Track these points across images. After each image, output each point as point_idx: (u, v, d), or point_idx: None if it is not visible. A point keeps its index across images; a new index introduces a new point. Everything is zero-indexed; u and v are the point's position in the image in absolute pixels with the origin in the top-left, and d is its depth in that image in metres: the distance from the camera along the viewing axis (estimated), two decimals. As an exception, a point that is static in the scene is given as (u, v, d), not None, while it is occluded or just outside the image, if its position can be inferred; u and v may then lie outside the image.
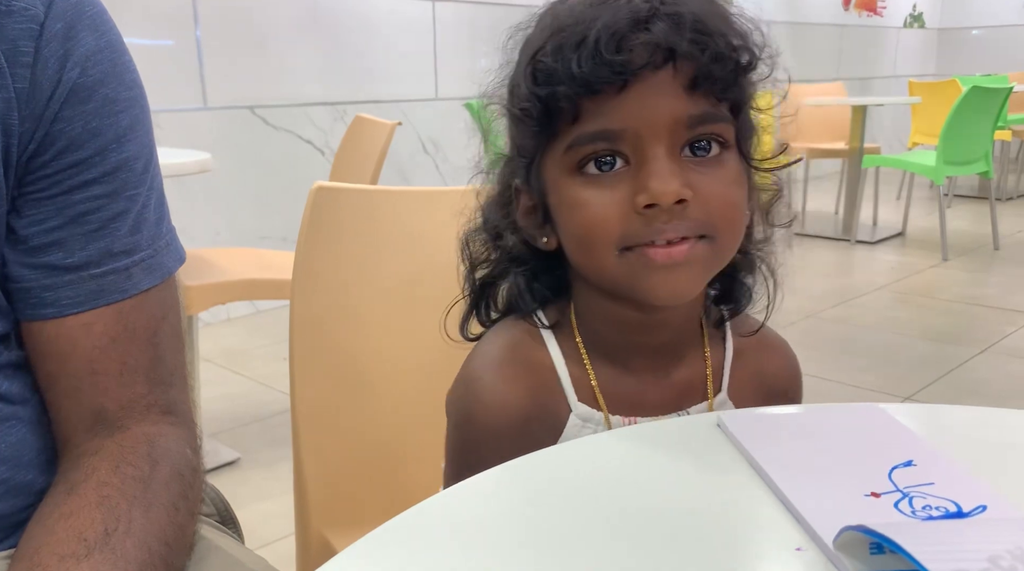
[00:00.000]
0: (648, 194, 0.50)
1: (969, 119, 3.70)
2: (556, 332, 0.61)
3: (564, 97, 0.51)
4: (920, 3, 7.21)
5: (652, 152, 0.51)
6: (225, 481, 1.81)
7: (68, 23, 0.52)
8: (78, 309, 0.55)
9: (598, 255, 0.53)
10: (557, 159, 0.54)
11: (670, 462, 0.51)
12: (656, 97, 0.50)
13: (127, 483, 0.52)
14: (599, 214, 0.52)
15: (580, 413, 0.58)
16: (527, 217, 0.59)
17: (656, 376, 0.60)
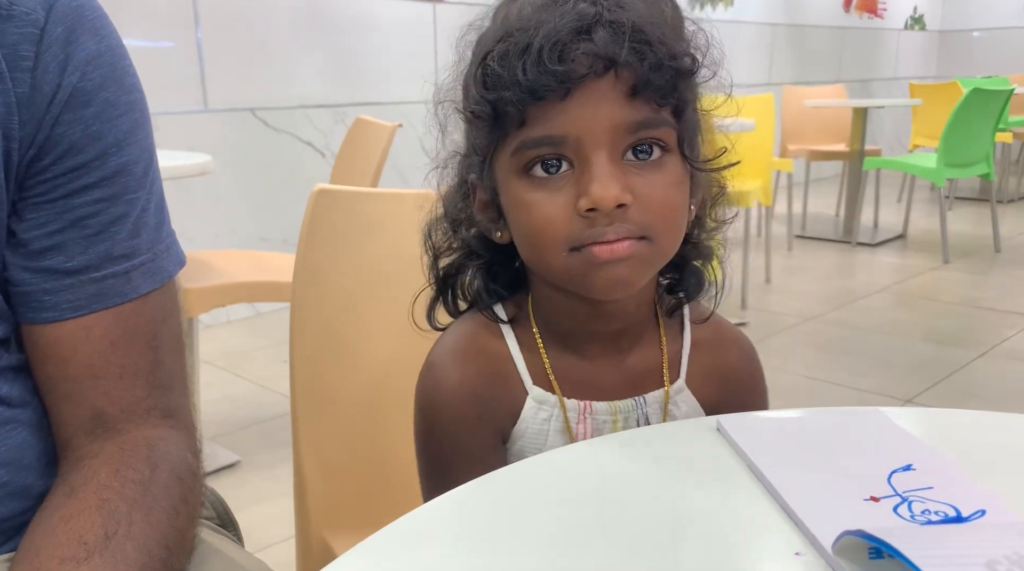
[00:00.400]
0: (589, 199, 0.52)
1: (970, 121, 3.70)
2: (514, 324, 0.63)
3: (511, 103, 0.53)
4: (921, 5, 7.21)
5: (594, 157, 0.53)
6: (225, 484, 1.81)
7: (69, 27, 0.52)
8: (78, 313, 0.55)
9: (547, 254, 0.56)
10: (506, 160, 0.56)
11: (669, 466, 0.51)
12: (597, 104, 0.52)
13: (127, 486, 0.52)
14: (545, 216, 0.54)
15: (536, 396, 0.61)
16: (483, 211, 0.61)
17: (611, 363, 0.62)
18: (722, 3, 5.21)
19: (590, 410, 0.61)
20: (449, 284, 0.66)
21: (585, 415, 0.61)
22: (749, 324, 2.89)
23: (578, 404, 0.61)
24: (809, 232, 4.42)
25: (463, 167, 0.63)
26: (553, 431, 0.61)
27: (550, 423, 0.61)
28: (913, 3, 7.12)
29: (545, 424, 0.61)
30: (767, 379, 0.70)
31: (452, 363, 0.61)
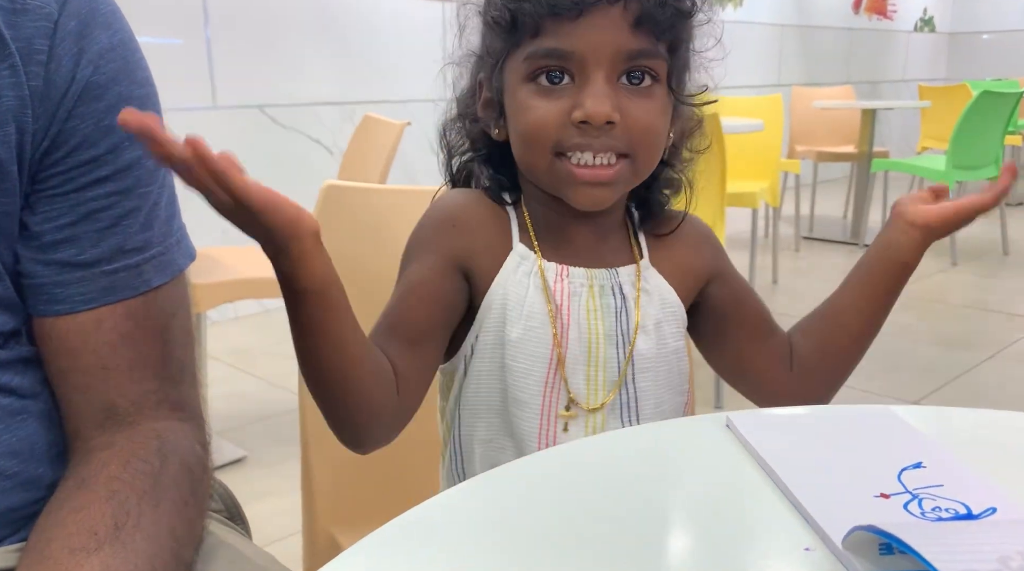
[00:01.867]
0: (583, 111, 0.59)
1: (979, 124, 3.69)
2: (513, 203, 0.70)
3: (529, 14, 0.59)
4: (931, 7, 7.19)
5: (593, 76, 0.59)
6: (231, 479, 1.80)
7: (82, 21, 0.52)
8: (89, 305, 0.55)
9: (535, 155, 0.62)
10: (516, 65, 0.62)
11: (679, 461, 0.51)
12: (604, 29, 0.58)
13: (137, 478, 0.53)
14: (541, 119, 0.61)
15: (519, 251, 0.67)
16: (485, 109, 0.68)
17: (588, 235, 0.69)
18: (731, 4, 5.20)
19: (567, 273, 0.67)
20: (462, 180, 0.72)
21: (562, 277, 0.67)
22: (756, 325, 2.88)
23: (556, 266, 0.67)
24: (816, 234, 4.41)
25: (476, 68, 0.69)
26: (532, 286, 0.66)
27: (530, 278, 0.66)
28: (923, 5, 7.09)
29: (525, 278, 0.66)
30: None
31: (460, 193, 0.70)
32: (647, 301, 0.69)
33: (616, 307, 0.67)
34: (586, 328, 0.66)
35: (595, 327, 0.67)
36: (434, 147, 0.75)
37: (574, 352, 0.66)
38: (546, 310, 0.65)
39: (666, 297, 0.70)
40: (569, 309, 0.66)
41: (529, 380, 0.66)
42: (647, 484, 0.48)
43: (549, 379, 0.66)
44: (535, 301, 0.66)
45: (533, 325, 0.65)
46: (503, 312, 0.66)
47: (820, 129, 4.50)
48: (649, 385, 0.68)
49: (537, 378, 0.66)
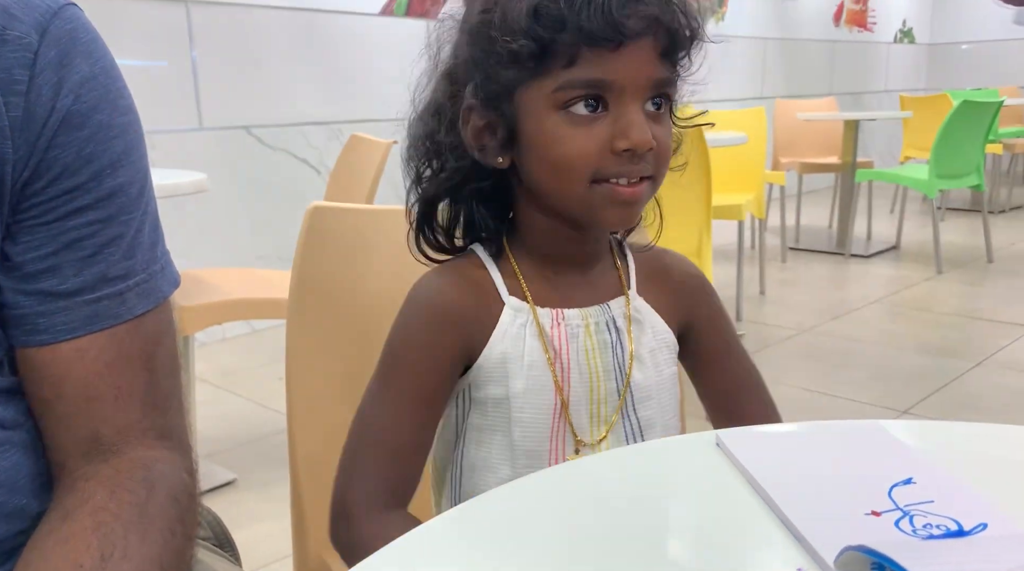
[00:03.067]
0: (629, 141, 0.60)
1: (960, 133, 3.73)
2: (493, 254, 0.70)
3: (567, 44, 0.59)
4: (910, 18, 7.28)
5: (632, 105, 0.60)
6: (221, 502, 1.80)
7: (62, 51, 0.52)
8: (72, 335, 0.54)
9: (570, 183, 0.62)
10: (543, 95, 0.61)
11: (670, 481, 0.50)
12: (640, 59, 0.60)
13: (123, 508, 0.52)
14: (580, 149, 0.61)
15: (512, 305, 0.67)
16: (478, 137, 0.65)
17: (578, 280, 0.70)
18: (714, 18, 5.25)
19: (562, 316, 0.68)
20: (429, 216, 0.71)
21: (558, 320, 0.68)
22: (745, 336, 2.89)
23: (551, 312, 0.68)
24: (803, 244, 4.44)
25: (445, 90, 0.67)
26: (529, 336, 0.66)
27: (526, 328, 0.67)
28: (902, 16, 7.18)
29: (522, 329, 0.67)
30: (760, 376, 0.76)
31: (437, 277, 0.69)
32: (639, 331, 0.69)
33: (612, 342, 0.68)
34: (586, 368, 0.67)
35: (594, 365, 0.68)
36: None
37: (577, 393, 0.67)
38: (545, 359, 0.66)
39: (656, 325, 0.71)
40: (568, 352, 0.67)
41: (537, 429, 0.66)
42: (638, 504, 0.47)
43: (555, 425, 0.67)
44: (534, 351, 0.66)
45: (535, 375, 0.66)
46: (504, 367, 0.66)
47: (804, 140, 4.53)
48: (652, 414, 0.70)
49: (544, 427, 0.67)
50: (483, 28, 0.62)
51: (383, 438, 0.66)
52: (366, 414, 0.68)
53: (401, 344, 0.67)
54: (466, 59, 0.64)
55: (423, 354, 0.66)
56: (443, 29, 0.68)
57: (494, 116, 0.64)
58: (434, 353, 0.66)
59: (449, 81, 0.67)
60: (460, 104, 0.66)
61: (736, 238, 3.10)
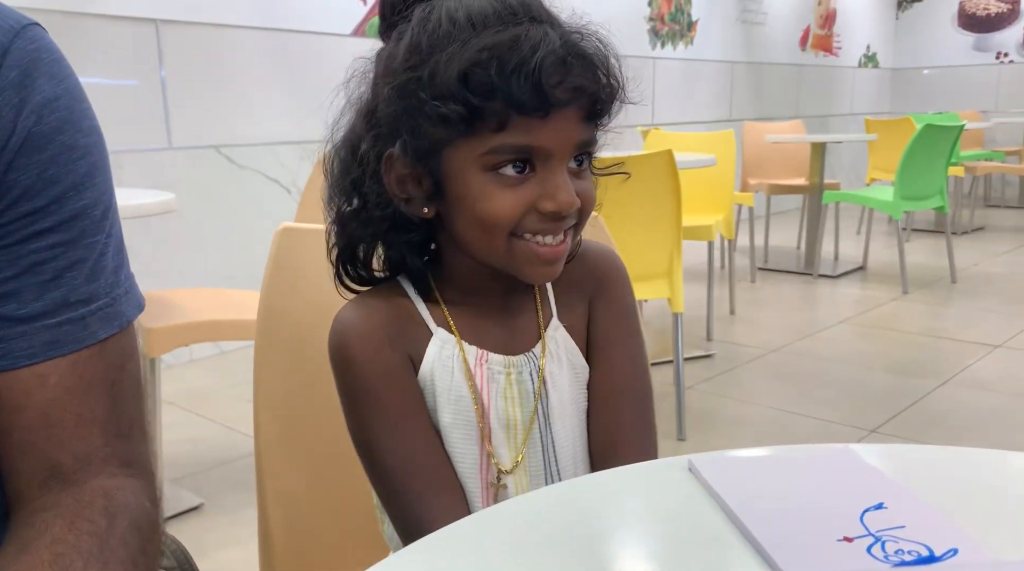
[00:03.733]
0: (555, 203, 0.62)
1: (924, 156, 3.81)
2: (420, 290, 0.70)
3: (496, 111, 0.59)
4: (873, 44, 7.45)
5: (558, 168, 0.62)
6: (188, 528, 1.76)
7: (24, 71, 0.51)
8: (32, 360, 0.53)
9: (491, 238, 0.63)
10: (471, 156, 0.62)
11: (642, 507, 0.50)
12: (567, 125, 0.62)
13: (82, 539, 0.50)
14: (507, 209, 0.62)
15: (440, 336, 0.68)
16: (400, 186, 0.66)
17: (505, 320, 0.71)
18: (682, 42, 5.33)
19: (486, 358, 0.68)
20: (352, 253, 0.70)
21: (482, 362, 0.68)
22: (715, 355, 2.91)
23: (476, 351, 0.68)
24: (771, 264, 4.49)
25: (360, 138, 0.67)
26: (456, 369, 0.67)
27: (453, 361, 0.67)
28: (866, 42, 7.35)
29: (449, 362, 0.67)
30: (734, 410, 0.75)
31: (354, 311, 0.68)
32: (559, 370, 0.70)
33: (533, 389, 0.69)
34: (504, 415, 0.68)
35: (512, 413, 0.69)
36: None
37: (497, 436, 0.68)
38: (470, 394, 0.67)
39: (575, 360, 0.71)
40: (488, 393, 0.68)
41: (466, 460, 0.68)
42: (610, 530, 0.47)
43: (481, 455, 0.68)
44: (460, 386, 0.67)
45: (461, 408, 0.67)
46: (433, 398, 0.67)
47: (772, 162, 4.60)
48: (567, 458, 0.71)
49: (472, 457, 0.68)
50: (411, 86, 0.61)
51: (411, 471, 0.66)
52: (380, 463, 0.67)
53: (357, 379, 0.66)
54: (391, 113, 0.63)
55: (383, 377, 0.66)
56: (362, 66, 0.68)
57: (419, 168, 0.64)
58: (392, 371, 0.66)
59: (368, 124, 0.66)
60: (381, 152, 0.65)
61: (706, 258, 3.13)
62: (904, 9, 7.64)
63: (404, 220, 0.67)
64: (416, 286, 0.70)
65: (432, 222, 0.67)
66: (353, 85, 0.69)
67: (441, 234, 0.69)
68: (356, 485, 0.90)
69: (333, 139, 0.70)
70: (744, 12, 5.87)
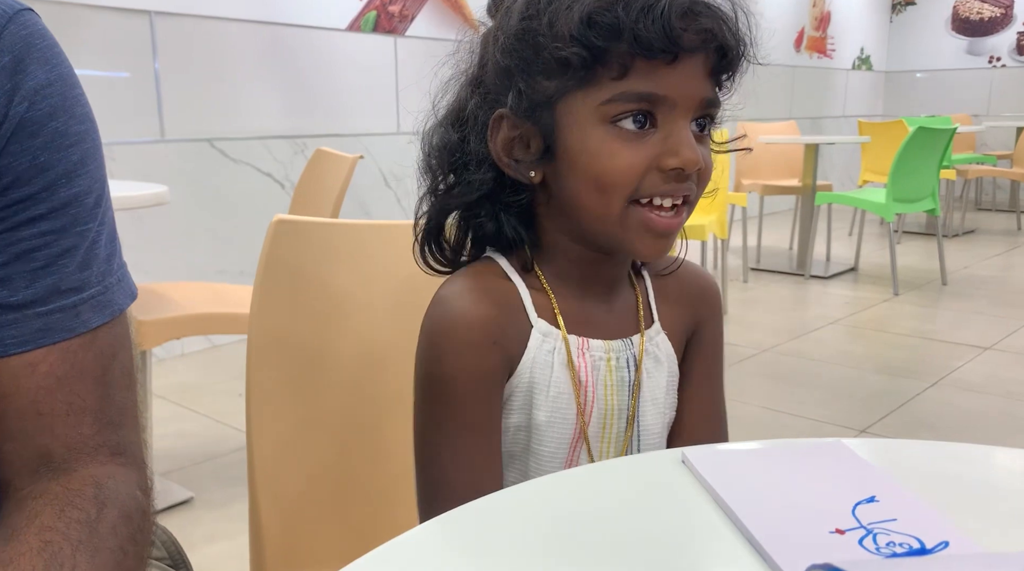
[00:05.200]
0: (680, 160, 0.57)
1: (916, 158, 3.83)
2: (515, 266, 0.66)
3: (620, 54, 0.56)
4: (867, 46, 7.47)
5: (682, 123, 0.58)
6: (177, 521, 1.75)
7: (16, 57, 0.51)
8: (22, 348, 0.52)
9: (610, 201, 0.59)
10: (590, 107, 0.58)
11: (635, 499, 0.50)
12: (692, 76, 0.57)
13: (72, 527, 0.50)
14: (627, 166, 0.57)
15: (541, 329, 0.64)
16: (507, 149, 0.62)
17: (602, 304, 0.67)
18: None
19: (587, 346, 0.65)
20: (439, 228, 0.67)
21: (583, 350, 0.64)
22: (707, 356, 2.91)
23: (577, 340, 0.64)
24: (764, 265, 4.50)
25: (470, 97, 0.64)
26: (557, 364, 0.63)
27: (554, 355, 0.63)
28: (860, 44, 7.37)
29: (550, 356, 0.63)
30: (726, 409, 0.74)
31: (462, 294, 0.63)
32: (656, 369, 0.67)
33: (629, 381, 0.66)
34: (603, 404, 0.65)
35: (611, 402, 0.66)
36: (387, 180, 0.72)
37: (593, 428, 0.65)
38: (572, 390, 0.63)
39: (672, 367, 0.69)
40: (592, 385, 0.64)
41: (552, 461, 0.64)
42: (603, 522, 0.47)
43: (570, 458, 0.65)
44: (561, 380, 0.63)
45: (560, 406, 0.63)
46: (529, 396, 0.63)
47: (766, 163, 4.62)
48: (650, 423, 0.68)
49: (560, 459, 0.64)
50: (527, 35, 0.58)
51: (467, 482, 0.61)
52: (437, 464, 0.62)
53: (449, 375, 0.61)
54: (503, 66, 0.60)
55: (476, 381, 0.61)
56: (472, 36, 0.65)
57: (529, 127, 0.60)
58: (487, 376, 0.62)
59: (476, 89, 0.64)
60: (488, 112, 0.62)
61: (699, 258, 3.14)
62: (898, 12, 7.67)
63: (505, 186, 0.63)
64: (517, 265, 0.65)
65: (532, 193, 0.64)
66: (458, 58, 0.65)
67: (541, 206, 0.65)
68: (348, 479, 0.90)
69: (436, 114, 0.67)
70: (739, 13, 5.88)
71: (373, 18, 3.45)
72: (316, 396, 0.88)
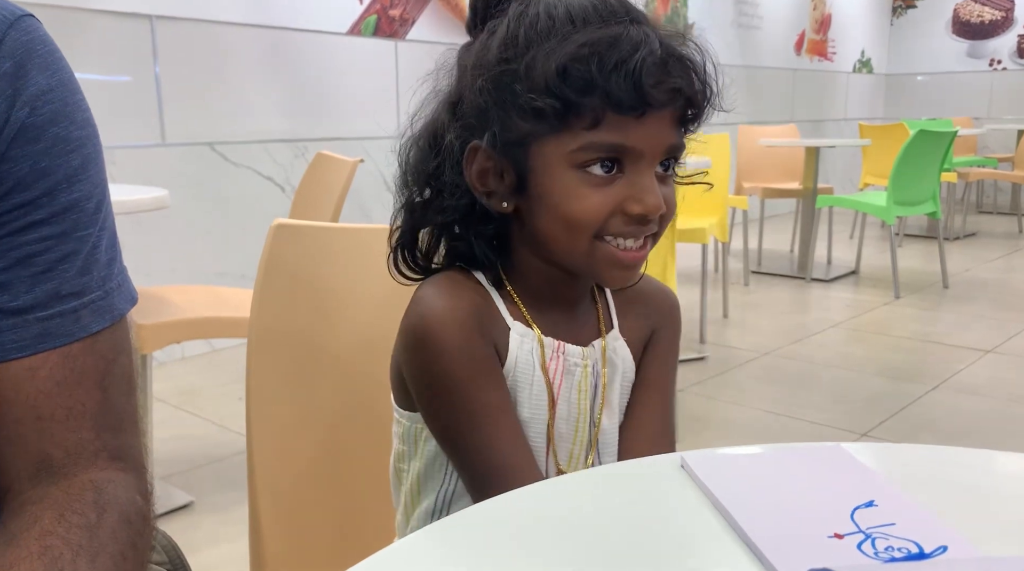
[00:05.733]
0: (643, 207, 0.61)
1: (917, 161, 3.83)
2: (489, 281, 0.68)
3: (592, 108, 0.59)
4: (868, 49, 7.48)
5: (647, 171, 0.61)
6: (178, 525, 1.75)
7: (17, 62, 0.51)
8: (22, 353, 0.53)
9: (575, 238, 0.62)
10: (561, 152, 0.61)
11: (633, 503, 0.50)
12: (660, 127, 0.61)
13: (72, 532, 0.50)
14: (593, 208, 0.61)
15: (518, 330, 0.66)
16: (481, 179, 0.65)
17: (568, 315, 0.70)
18: (678, 45, 5.33)
19: (563, 349, 0.67)
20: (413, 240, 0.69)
21: (559, 353, 0.67)
22: (708, 358, 2.91)
23: (553, 341, 0.67)
24: (765, 268, 4.50)
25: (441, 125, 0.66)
26: (537, 364, 0.66)
27: (533, 356, 0.66)
28: (861, 47, 7.38)
29: (530, 356, 0.66)
30: (726, 412, 0.76)
31: (440, 292, 0.65)
32: (613, 375, 0.70)
33: (595, 385, 0.69)
34: (576, 407, 0.67)
35: (583, 406, 0.68)
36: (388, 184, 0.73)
37: (560, 431, 0.67)
38: (546, 390, 0.66)
39: (627, 371, 0.71)
40: (560, 387, 0.67)
41: (537, 457, 0.66)
42: (602, 525, 0.47)
43: (546, 457, 0.67)
44: (540, 381, 0.66)
45: (538, 404, 0.66)
46: (514, 393, 0.65)
47: (766, 166, 4.62)
48: (609, 459, 0.71)
49: (541, 454, 0.66)
50: (505, 78, 0.61)
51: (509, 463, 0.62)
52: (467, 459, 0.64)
53: (448, 369, 0.62)
54: (481, 104, 0.63)
55: (476, 367, 0.63)
56: (448, 59, 0.67)
57: (504, 162, 0.63)
58: (484, 361, 0.63)
59: (452, 115, 0.65)
60: (464, 142, 0.64)
61: (700, 262, 3.14)
62: (899, 15, 7.68)
63: (478, 213, 0.66)
64: (489, 280, 0.68)
65: (506, 218, 0.66)
66: (437, 76, 0.67)
67: (514, 230, 0.67)
68: (348, 483, 0.90)
69: (412, 128, 0.69)
70: (740, 16, 5.89)
71: (374, 22, 3.45)
72: (316, 399, 0.88)
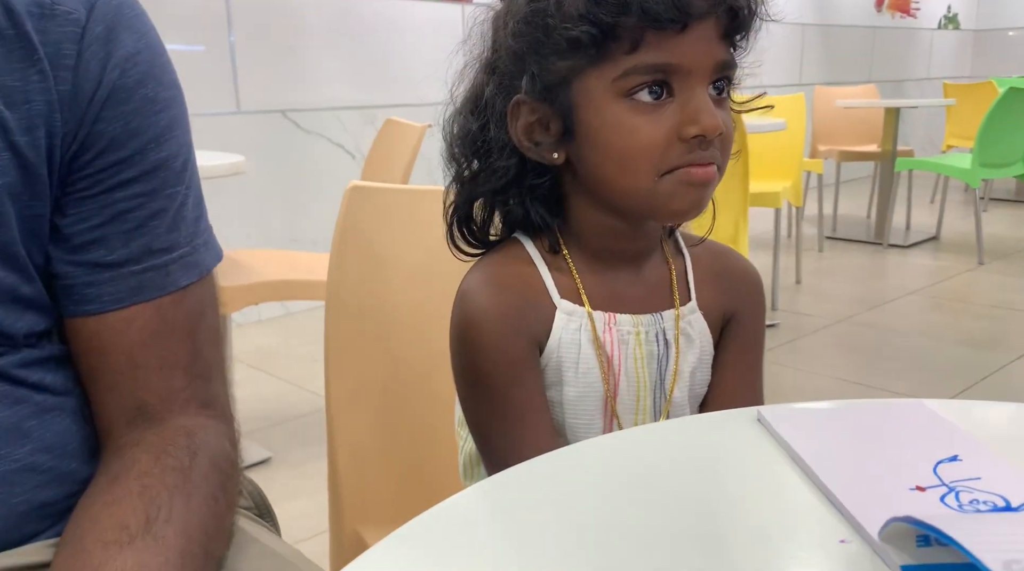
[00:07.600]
0: (699, 127, 0.57)
1: (1006, 121, 3.64)
2: (540, 249, 0.67)
3: (629, 28, 0.56)
4: (955, 4, 7.10)
5: (698, 89, 0.58)
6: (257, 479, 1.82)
7: (108, 26, 0.53)
8: (119, 305, 0.55)
9: (638, 176, 0.59)
10: (604, 83, 0.58)
11: (711, 456, 0.50)
12: (705, 40, 0.57)
13: (167, 473, 0.53)
14: (647, 140, 0.58)
15: (564, 308, 0.64)
16: (529, 132, 0.63)
17: (631, 280, 0.67)
18: (751, 3, 5.17)
19: (614, 321, 0.65)
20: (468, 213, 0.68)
21: (610, 325, 0.65)
22: (779, 325, 2.86)
23: (603, 315, 0.65)
24: (840, 233, 4.37)
25: (486, 83, 0.64)
26: (584, 341, 0.64)
27: (580, 333, 0.64)
28: (947, 2, 7.01)
29: (576, 334, 0.64)
30: (796, 380, 0.74)
31: (484, 287, 0.64)
32: (688, 347, 0.67)
33: (659, 354, 0.66)
34: (634, 377, 0.66)
35: (641, 375, 0.66)
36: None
37: (624, 401, 0.66)
38: (598, 366, 0.64)
39: (705, 345, 0.69)
40: (619, 359, 0.65)
41: (592, 429, 0.65)
42: (680, 478, 0.47)
43: (605, 422, 0.66)
44: (588, 357, 0.64)
45: (590, 381, 0.65)
46: (559, 373, 0.65)
47: (843, 128, 4.46)
48: (678, 397, 0.69)
49: (596, 432, 0.66)
50: (536, 17, 0.59)
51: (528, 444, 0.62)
52: (495, 454, 0.64)
53: (485, 368, 0.63)
54: (515, 51, 0.61)
55: (512, 370, 0.63)
56: (481, 21, 0.66)
57: (547, 110, 0.61)
58: (520, 363, 0.63)
59: (491, 74, 0.64)
60: (505, 99, 0.63)
61: (772, 226, 3.06)
62: (989, -33, 7.26)
63: (529, 170, 0.64)
64: (538, 246, 0.67)
65: (558, 173, 0.64)
66: (471, 44, 0.66)
67: (567, 183, 0.65)
68: (423, 438, 0.93)
69: (453, 101, 0.68)
70: (817, -28, 5.66)
71: (455, -16, 3.44)
72: (391, 357, 0.90)
